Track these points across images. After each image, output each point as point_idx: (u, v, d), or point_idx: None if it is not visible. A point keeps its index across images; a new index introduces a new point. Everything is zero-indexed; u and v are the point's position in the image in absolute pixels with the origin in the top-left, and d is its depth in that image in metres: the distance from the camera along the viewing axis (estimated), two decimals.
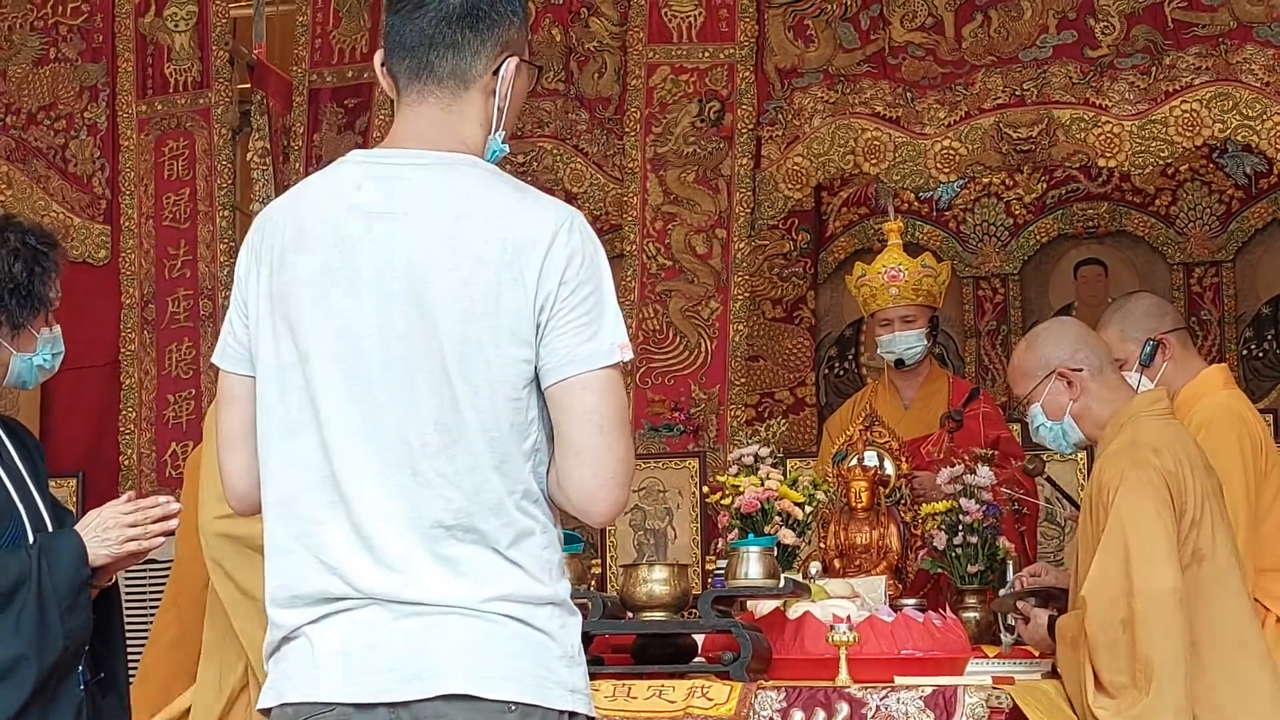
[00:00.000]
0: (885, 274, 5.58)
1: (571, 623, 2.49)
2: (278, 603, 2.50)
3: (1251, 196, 8.54)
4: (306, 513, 2.47)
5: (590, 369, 2.42)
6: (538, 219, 2.45)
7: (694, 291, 7.06)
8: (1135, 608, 3.74)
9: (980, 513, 4.83)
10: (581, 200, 7.56)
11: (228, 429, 2.60)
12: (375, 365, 2.44)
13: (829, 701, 3.61)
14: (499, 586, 2.42)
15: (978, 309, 8.85)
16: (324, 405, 2.46)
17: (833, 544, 4.96)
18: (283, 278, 2.51)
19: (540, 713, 2.42)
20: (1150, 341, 4.49)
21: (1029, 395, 4.18)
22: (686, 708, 3.64)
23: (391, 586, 2.42)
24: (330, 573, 2.44)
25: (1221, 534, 3.94)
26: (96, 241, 7.57)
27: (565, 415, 2.43)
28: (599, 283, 2.45)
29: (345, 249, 2.48)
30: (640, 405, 7.01)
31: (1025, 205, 8.78)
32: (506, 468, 2.43)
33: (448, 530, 2.42)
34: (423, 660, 2.40)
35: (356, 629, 2.43)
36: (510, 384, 2.42)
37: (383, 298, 2.45)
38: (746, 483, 4.71)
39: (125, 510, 3.40)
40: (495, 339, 2.41)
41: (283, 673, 2.50)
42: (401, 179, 2.50)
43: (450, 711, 2.39)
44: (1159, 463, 3.88)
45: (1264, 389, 8.34)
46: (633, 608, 3.95)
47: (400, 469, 2.43)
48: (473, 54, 2.52)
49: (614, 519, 2.55)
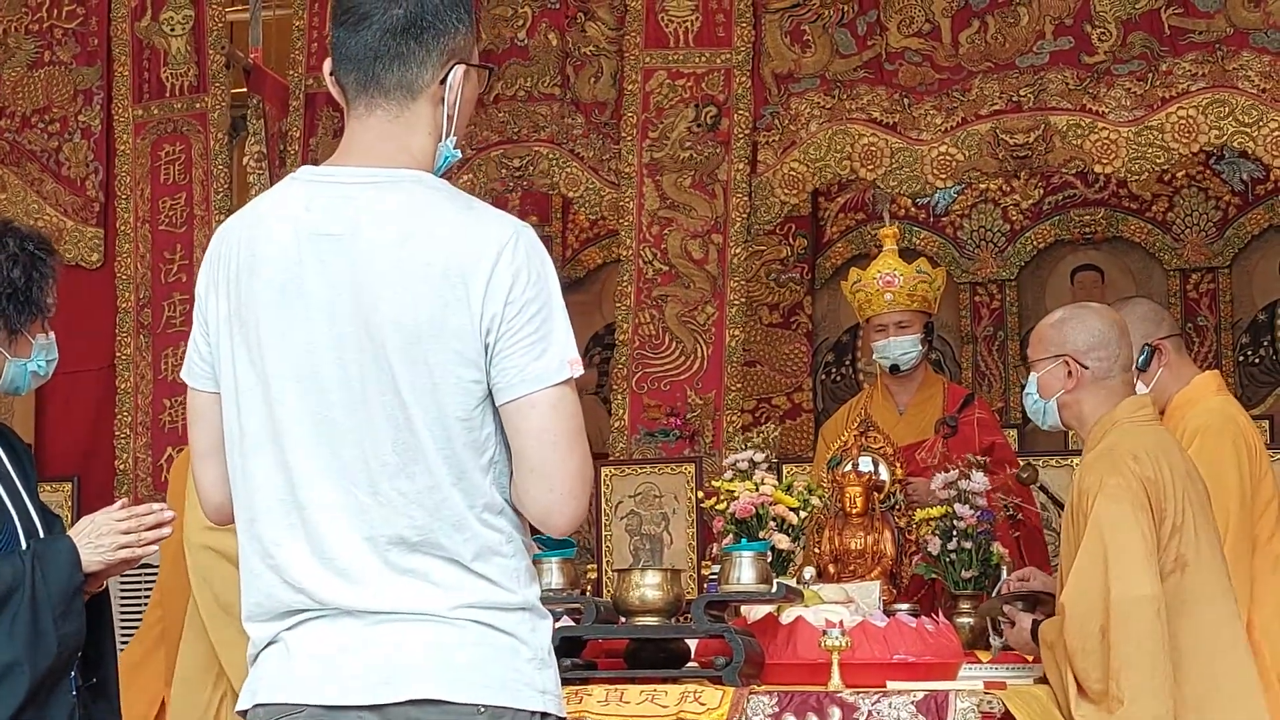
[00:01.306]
0: (880, 280, 5.57)
1: (542, 626, 2.50)
2: (252, 618, 2.54)
3: (1248, 203, 8.54)
4: (268, 534, 2.49)
5: (540, 388, 2.43)
6: (482, 237, 2.44)
7: (690, 296, 7.05)
8: (1113, 616, 3.74)
9: (975, 518, 4.82)
10: (578, 205, 7.57)
11: (198, 444, 2.63)
12: (332, 387, 2.45)
13: (821, 706, 3.60)
14: (467, 595, 2.44)
15: (974, 315, 8.85)
16: (283, 427, 2.48)
17: (827, 549, 4.95)
18: (239, 300, 2.52)
19: (511, 714, 2.43)
20: (1146, 347, 4.50)
21: (1034, 363, 4.18)
22: (679, 712, 3.63)
23: (358, 600, 2.44)
24: (296, 591, 2.47)
25: (1205, 540, 3.93)
26: (89, 245, 7.56)
27: (518, 433, 2.45)
28: (547, 299, 2.45)
29: (297, 271, 2.48)
30: (636, 410, 7.00)
31: (1022, 211, 8.79)
32: (465, 484, 2.44)
33: (411, 547, 2.44)
34: (393, 664, 2.42)
35: (329, 634, 2.45)
36: (459, 404, 2.43)
37: (334, 320, 2.45)
38: (741, 488, 4.70)
39: (119, 517, 3.39)
40: (442, 360, 2.42)
41: (259, 675, 2.53)
42: (348, 199, 2.49)
43: (420, 715, 2.41)
44: (1138, 469, 3.88)
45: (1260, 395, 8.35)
46: (626, 612, 3.95)
47: (361, 489, 2.45)
48: (419, 65, 2.52)
49: (574, 529, 2.57)
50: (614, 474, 6.83)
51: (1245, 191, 8.54)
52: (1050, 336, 4.15)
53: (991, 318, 8.83)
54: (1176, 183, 8.57)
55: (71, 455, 7.49)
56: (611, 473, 6.84)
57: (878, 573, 4.88)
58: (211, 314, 2.56)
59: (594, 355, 8.64)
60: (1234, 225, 8.55)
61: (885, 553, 4.93)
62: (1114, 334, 4.15)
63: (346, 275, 2.45)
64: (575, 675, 3.83)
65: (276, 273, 2.49)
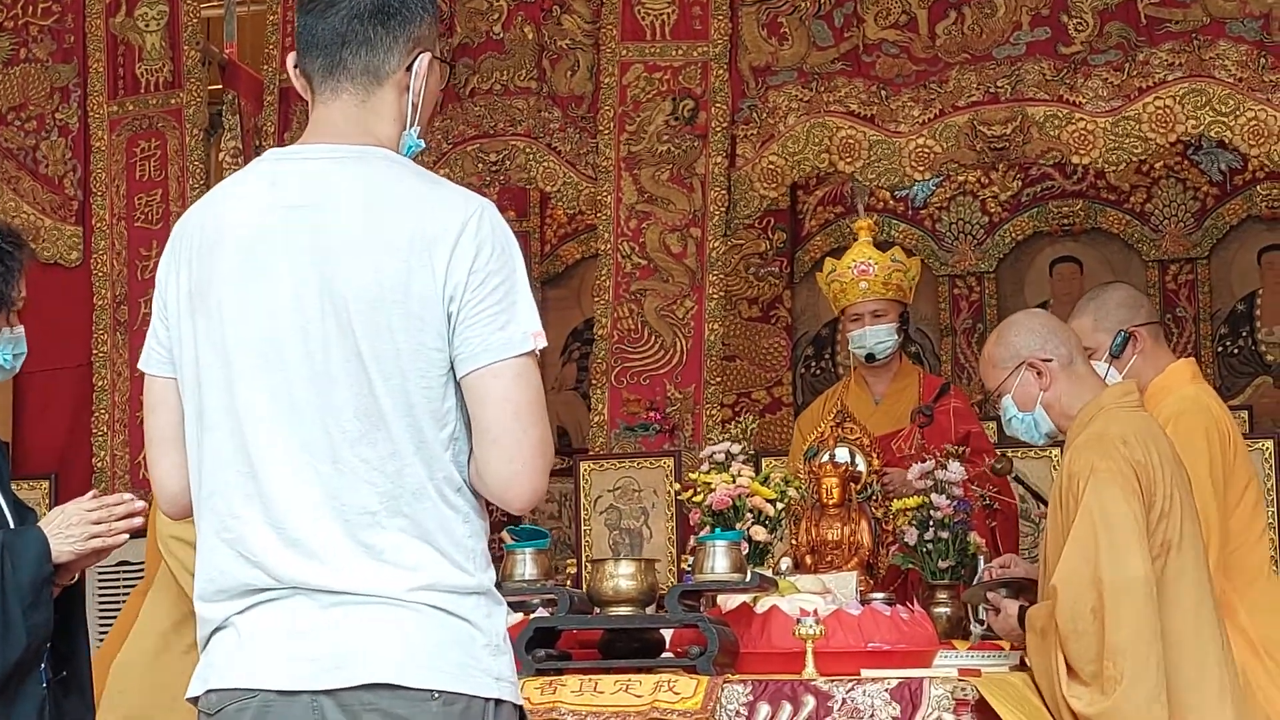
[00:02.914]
0: (855, 269, 5.57)
1: (497, 612, 2.50)
2: (204, 598, 2.53)
3: (1226, 193, 8.55)
4: (224, 507, 2.49)
5: (503, 358, 2.45)
6: (447, 210, 2.47)
7: (669, 290, 7.04)
8: (1105, 597, 3.74)
9: (951, 508, 4.82)
10: (555, 199, 7.55)
11: (154, 432, 2.62)
12: (293, 357, 2.46)
13: (795, 695, 3.59)
14: (424, 576, 2.43)
15: (953, 307, 8.84)
16: (243, 398, 2.48)
17: (804, 540, 4.94)
18: (201, 275, 2.53)
19: (465, 700, 2.43)
20: (1122, 333, 4.49)
21: (1000, 387, 4.18)
22: (653, 702, 3.62)
23: (314, 576, 2.43)
24: (252, 565, 2.46)
25: (1189, 526, 3.95)
26: (68, 243, 7.54)
27: (480, 404, 2.46)
28: (510, 272, 2.47)
29: (260, 244, 2.50)
30: (615, 404, 6.99)
31: (1000, 203, 8.79)
32: (425, 454, 2.45)
33: (373, 516, 2.43)
34: (347, 649, 2.41)
35: (282, 617, 2.44)
36: (421, 372, 2.44)
37: (297, 289, 2.47)
38: (718, 480, 4.69)
39: (89, 507, 3.38)
40: (405, 326, 2.43)
41: (210, 661, 2.51)
42: (315, 173, 2.52)
43: (374, 700, 2.40)
44: (1128, 454, 3.88)
45: (1239, 385, 8.35)
46: (600, 603, 3.93)
47: (321, 458, 2.45)
48: (385, 50, 2.55)
49: (532, 506, 2.57)
50: (593, 468, 6.81)
51: (1223, 182, 8.55)
52: (1000, 355, 4.16)
53: (970, 310, 8.82)
54: (1154, 173, 8.58)
55: (49, 453, 7.47)
56: (591, 467, 6.82)
57: (854, 563, 4.87)
58: (171, 295, 2.57)
59: (573, 350, 8.61)
60: (1212, 215, 8.55)
61: (862, 543, 4.92)
62: (1051, 323, 4.23)
63: (310, 243, 2.47)
64: (549, 666, 3.82)
65: (239, 245, 2.50)
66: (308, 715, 2.41)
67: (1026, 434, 4.23)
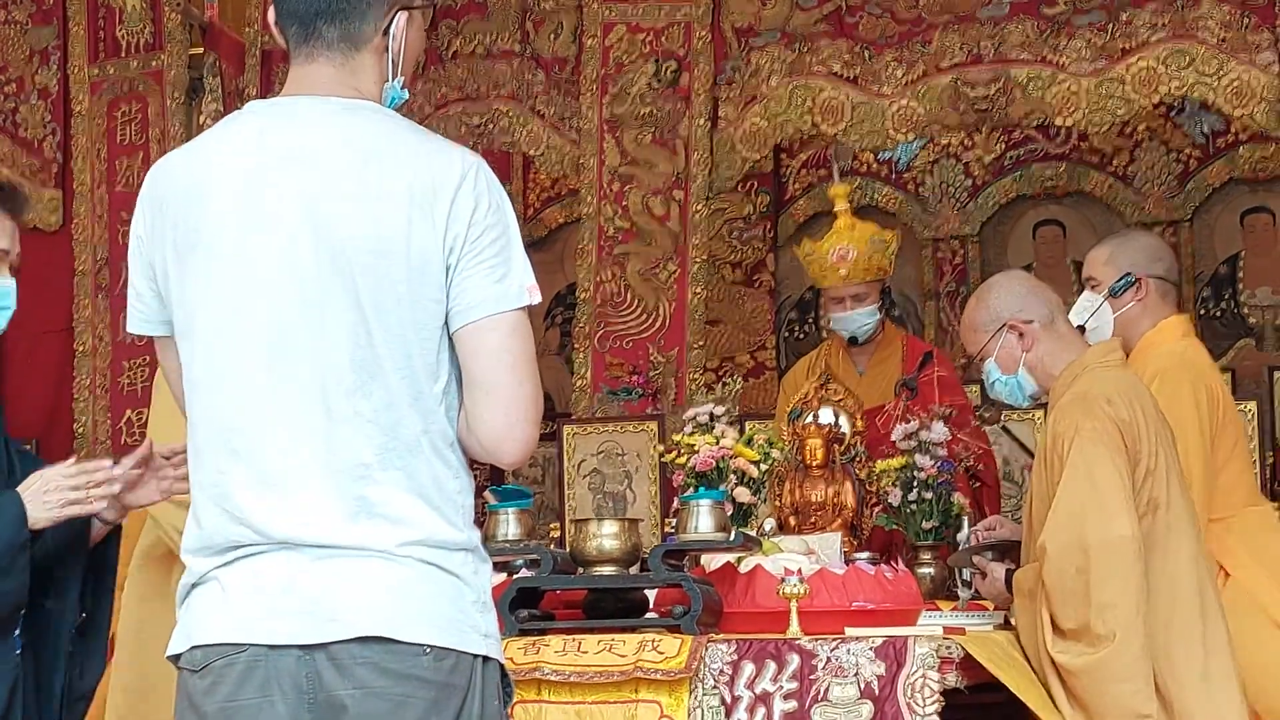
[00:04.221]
0: (834, 255, 5.49)
1: (483, 569, 2.49)
2: (189, 550, 2.50)
3: (1209, 155, 8.54)
4: (212, 462, 2.47)
5: (500, 310, 2.45)
6: (445, 163, 2.46)
7: (652, 254, 7.02)
8: (1092, 557, 3.74)
9: (935, 469, 4.82)
10: (539, 162, 7.52)
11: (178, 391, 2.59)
12: (288, 306, 2.44)
13: (779, 653, 3.59)
14: (415, 530, 2.41)
15: (937, 271, 8.84)
16: (235, 351, 2.46)
17: (788, 501, 4.94)
18: (189, 226, 2.49)
19: (455, 656, 2.42)
20: (1130, 276, 4.47)
21: (982, 350, 4.17)
22: (637, 661, 3.61)
23: (302, 532, 2.41)
24: (238, 523, 2.43)
25: (1175, 483, 3.95)
26: (48, 207, 7.50)
27: (475, 355, 2.45)
28: (505, 226, 2.47)
29: (252, 192, 2.47)
30: (599, 368, 6.97)
31: (984, 166, 8.77)
32: (420, 406, 2.44)
33: (366, 469, 2.41)
34: (337, 602, 2.39)
35: (269, 571, 2.41)
36: (420, 323, 2.43)
37: (292, 238, 2.44)
38: (701, 441, 4.69)
39: (69, 473, 3.34)
40: (406, 276, 2.42)
41: (193, 616, 2.48)
42: (305, 123, 2.50)
43: (365, 654, 2.38)
44: (1113, 412, 3.88)
45: (1222, 348, 8.35)
46: (583, 563, 3.93)
47: (315, 411, 2.42)
48: (360, 18, 2.53)
49: (523, 461, 2.56)
50: (576, 432, 6.79)
51: (1206, 144, 8.54)
52: (981, 319, 4.15)
53: (954, 273, 8.82)
54: (1137, 135, 8.57)
55: (32, 417, 7.43)
56: (574, 431, 6.80)
57: (838, 524, 4.87)
58: (157, 250, 2.52)
59: (556, 315, 8.60)
60: (1195, 178, 8.54)
61: (846, 504, 4.92)
62: (1030, 284, 4.25)
63: (305, 193, 2.44)
64: (533, 626, 3.82)
65: (230, 194, 2.47)
66: (299, 669, 2.39)
67: (1010, 396, 4.22)
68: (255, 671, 2.40)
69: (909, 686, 3.50)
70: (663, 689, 3.60)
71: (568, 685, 3.65)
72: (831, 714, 3.51)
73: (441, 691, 2.40)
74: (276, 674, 2.39)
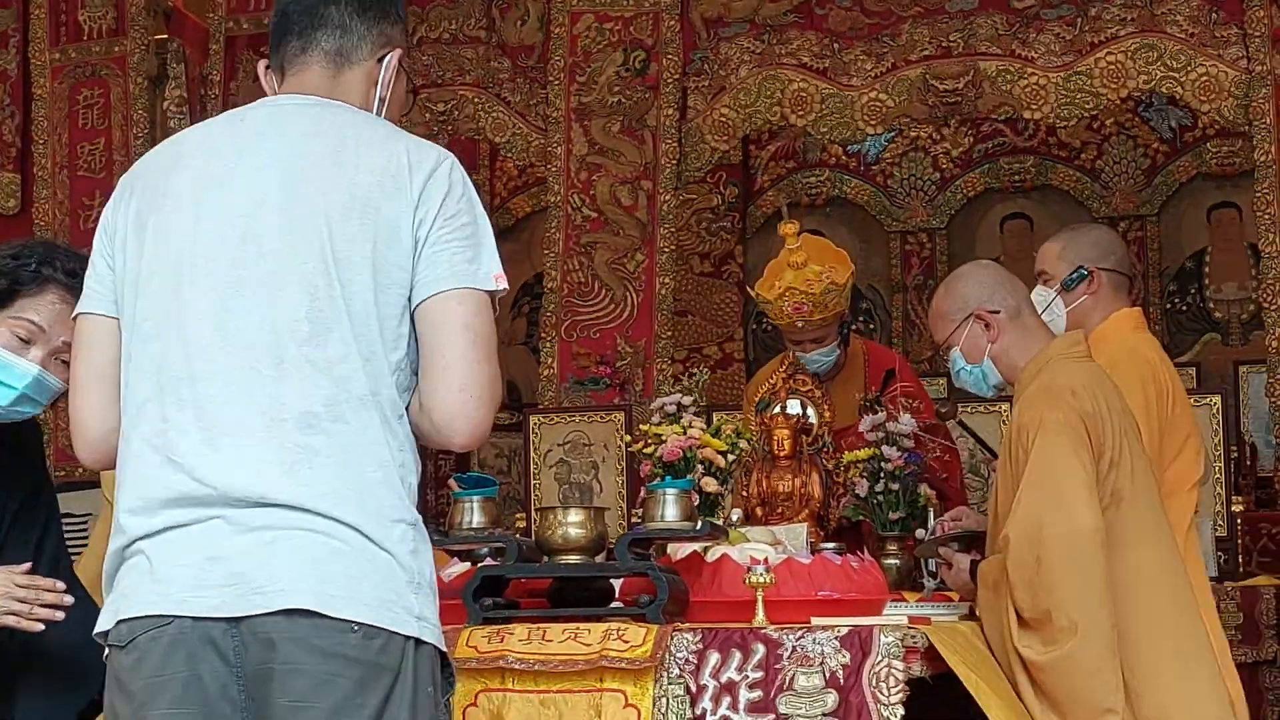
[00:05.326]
0: (789, 306, 5.32)
1: (423, 549, 2.47)
2: (129, 509, 2.46)
3: (1176, 150, 8.58)
4: (157, 413, 2.45)
5: (470, 285, 2.46)
6: (421, 149, 2.52)
7: (619, 244, 7.00)
8: (1056, 549, 3.73)
9: (902, 459, 4.80)
10: (505, 150, 7.49)
11: (84, 372, 2.57)
12: (245, 260, 2.45)
13: (745, 643, 3.56)
14: (353, 491, 2.40)
15: (904, 263, 8.85)
16: (188, 302, 2.46)
17: (755, 492, 4.91)
18: (154, 192, 2.54)
19: (385, 636, 2.39)
20: (1082, 269, 4.46)
21: (948, 339, 4.16)
22: (602, 650, 3.58)
23: (242, 482, 2.39)
24: (179, 470, 2.41)
25: (1141, 474, 3.94)
26: (6, 190, 7.50)
27: (438, 329, 2.45)
28: (476, 218, 2.52)
29: (220, 159, 2.53)
30: (566, 358, 6.95)
31: (952, 159, 8.80)
32: (373, 368, 2.43)
33: (314, 418, 2.40)
34: (265, 574, 2.37)
35: (196, 543, 2.39)
36: (383, 286, 2.44)
37: (258, 193, 2.47)
38: (669, 431, 4.66)
39: (20, 582, 3.19)
40: (374, 236, 2.44)
41: (120, 592, 2.46)
42: (287, 110, 2.58)
43: (291, 628, 2.36)
44: (1077, 404, 3.87)
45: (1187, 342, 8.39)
46: (548, 551, 3.89)
47: (265, 359, 2.42)
48: (359, 38, 2.62)
49: (475, 444, 2.54)
50: (543, 422, 6.77)
51: (1174, 139, 8.58)
52: (949, 308, 4.13)
53: (922, 266, 8.83)
54: (1105, 130, 8.60)
55: None
56: (540, 421, 6.78)
57: (805, 515, 4.85)
58: (119, 223, 2.55)
59: (523, 305, 8.58)
60: (1162, 173, 8.59)
61: (813, 495, 4.90)
62: (999, 274, 4.20)
63: (279, 156, 2.50)
64: (497, 615, 3.78)
65: (199, 161, 2.53)
66: (225, 642, 2.37)
67: (975, 386, 4.20)
68: (181, 644, 2.38)
69: (874, 676, 3.47)
70: (628, 678, 3.57)
71: (532, 674, 3.61)
72: (796, 703, 3.49)
73: (369, 671, 2.38)
74: (203, 646, 2.37)
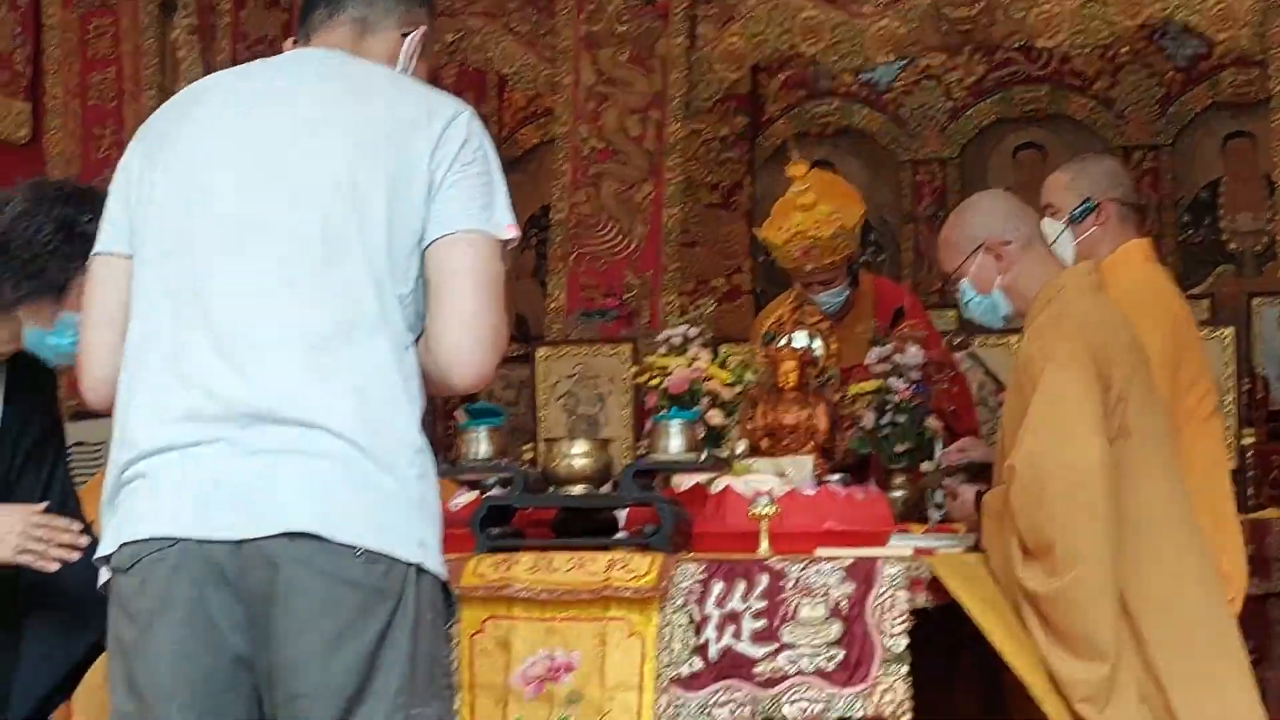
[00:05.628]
0: (798, 249, 5.28)
1: (429, 475, 2.47)
2: (139, 422, 2.45)
3: (1191, 80, 8.51)
4: (170, 334, 2.46)
5: (483, 229, 2.48)
6: (442, 99, 2.55)
7: (627, 175, 6.97)
8: (1060, 480, 3.72)
9: (909, 392, 4.79)
10: (513, 81, 7.46)
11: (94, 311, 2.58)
12: (260, 184, 2.47)
13: (749, 574, 3.57)
14: (362, 413, 2.40)
15: (916, 194, 8.81)
16: (201, 228, 2.47)
17: (761, 424, 4.90)
18: (169, 126, 2.58)
19: (388, 562, 2.40)
20: (1090, 200, 4.43)
21: (958, 270, 4.14)
22: (607, 579, 3.60)
23: (252, 398, 2.39)
24: (190, 386, 2.42)
25: (1149, 409, 3.92)
26: (16, 120, 7.48)
27: (446, 270, 2.46)
28: (491, 172, 2.53)
29: (240, 95, 2.57)
30: (573, 290, 6.94)
31: (965, 88, 8.73)
32: (382, 297, 2.44)
33: (325, 340, 2.41)
34: (269, 497, 2.37)
35: (200, 466, 2.40)
36: (395, 220, 2.45)
37: (276, 126, 2.50)
38: (674, 363, 4.65)
39: (36, 522, 3.20)
40: (392, 173, 2.46)
41: (123, 516, 2.46)
42: (309, 57, 2.62)
43: (296, 551, 2.36)
44: (1086, 336, 3.85)
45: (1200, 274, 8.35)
46: (554, 482, 3.91)
47: (278, 281, 2.43)
48: (384, 11, 2.64)
49: (477, 386, 2.55)
50: (550, 354, 6.78)
51: (1189, 68, 8.50)
52: (959, 238, 4.10)
53: (933, 197, 8.79)
54: (1120, 59, 8.52)
55: None
56: (548, 353, 6.78)
57: (811, 447, 4.83)
58: (134, 161, 2.58)
59: (531, 237, 8.55)
60: (1177, 103, 8.51)
61: (819, 428, 4.88)
62: (1010, 204, 4.16)
63: (300, 93, 2.54)
64: (503, 544, 3.80)
65: (216, 99, 2.58)
66: (228, 564, 2.38)
67: (985, 317, 4.19)
68: (185, 566, 2.38)
69: (878, 607, 3.48)
70: (633, 607, 3.59)
71: (538, 602, 3.63)
72: (800, 633, 3.50)
73: (371, 596, 2.38)
74: (207, 568, 2.38)
